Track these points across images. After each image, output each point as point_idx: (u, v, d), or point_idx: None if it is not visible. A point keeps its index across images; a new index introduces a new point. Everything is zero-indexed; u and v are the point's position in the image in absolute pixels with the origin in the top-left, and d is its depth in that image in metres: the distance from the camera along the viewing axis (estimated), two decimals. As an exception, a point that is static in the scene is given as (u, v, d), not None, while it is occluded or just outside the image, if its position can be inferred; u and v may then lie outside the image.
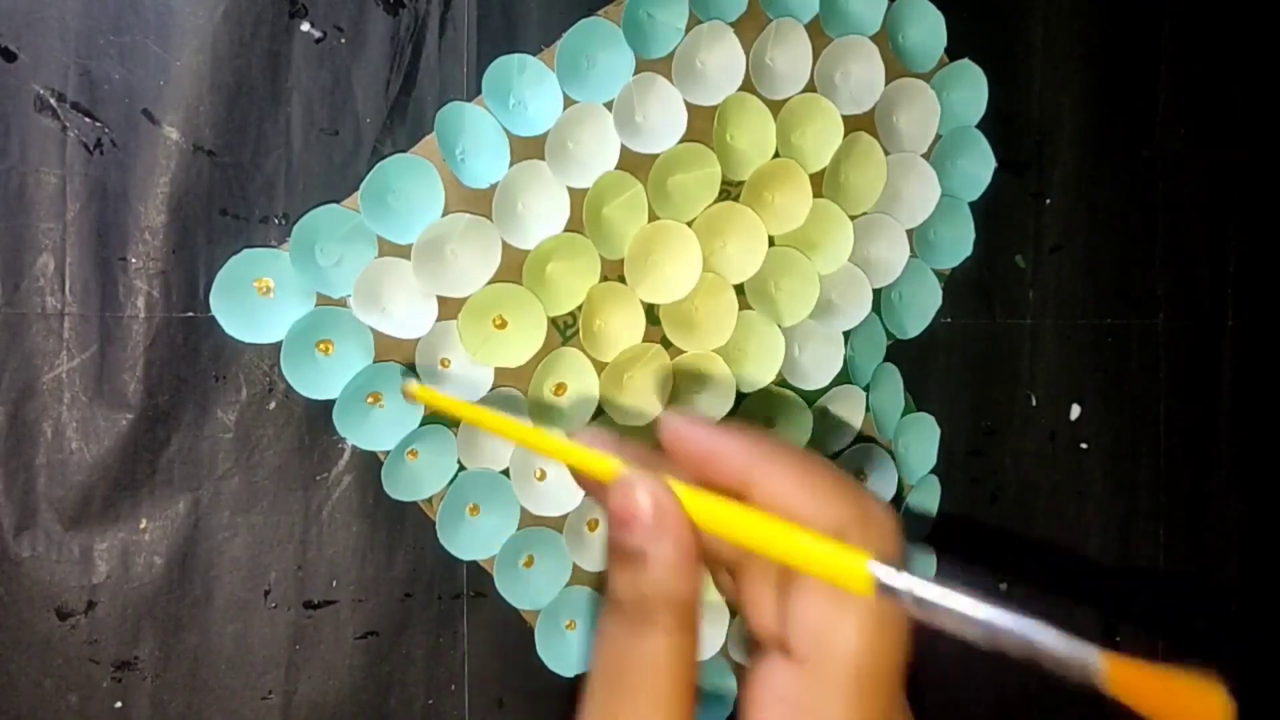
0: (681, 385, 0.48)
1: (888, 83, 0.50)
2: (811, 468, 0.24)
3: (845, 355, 0.51)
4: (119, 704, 0.43)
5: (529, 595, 0.47)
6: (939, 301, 0.54)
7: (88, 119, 0.41)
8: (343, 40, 0.44)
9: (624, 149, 0.45)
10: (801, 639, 0.24)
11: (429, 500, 0.46)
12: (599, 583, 0.48)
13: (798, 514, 0.23)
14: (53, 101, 0.41)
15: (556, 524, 0.47)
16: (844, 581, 0.22)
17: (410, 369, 0.44)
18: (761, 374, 0.49)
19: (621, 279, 0.47)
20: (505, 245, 0.44)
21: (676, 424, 0.26)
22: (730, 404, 0.48)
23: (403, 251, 0.43)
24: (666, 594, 0.24)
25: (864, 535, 0.23)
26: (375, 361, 0.43)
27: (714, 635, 0.50)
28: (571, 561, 0.47)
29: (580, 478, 0.26)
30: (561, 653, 0.47)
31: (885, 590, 0.22)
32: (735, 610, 0.31)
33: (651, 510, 0.24)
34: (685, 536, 0.24)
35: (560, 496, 0.47)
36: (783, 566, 0.24)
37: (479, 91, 0.44)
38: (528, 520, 0.46)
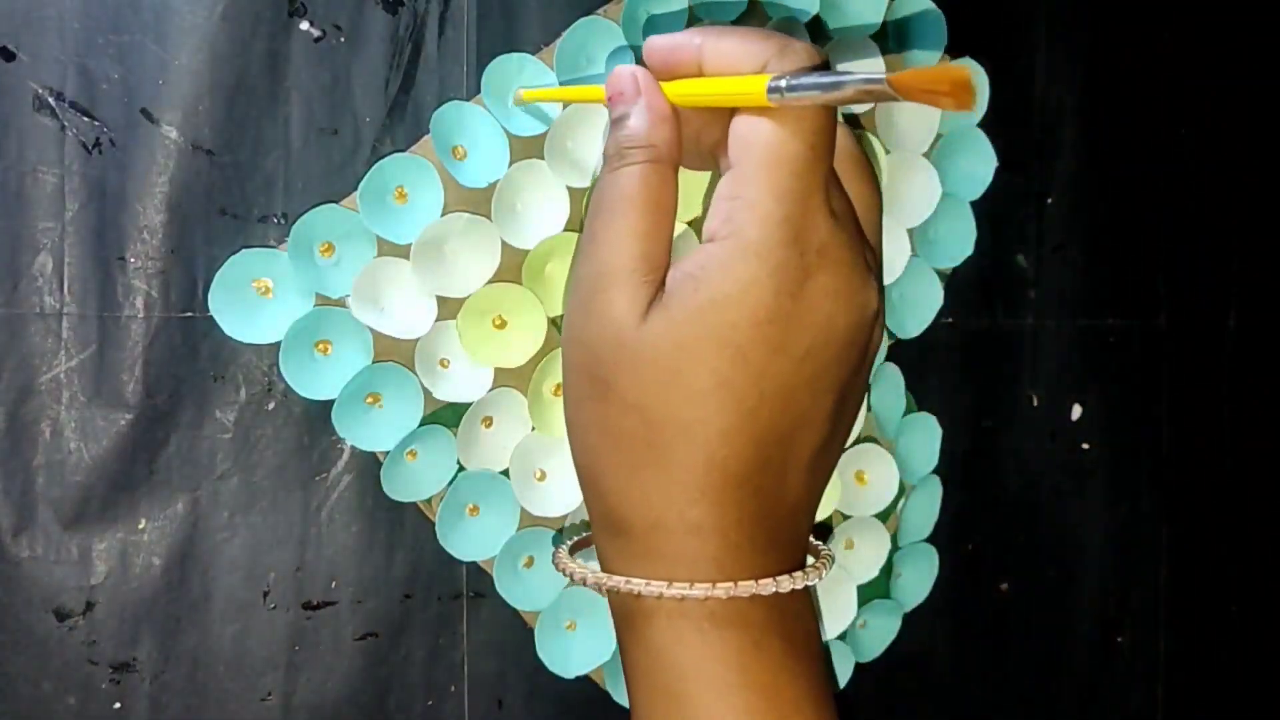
0: None
1: (888, 81, 0.50)
2: (738, 30, 0.32)
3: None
4: (117, 705, 0.43)
5: (529, 596, 0.47)
6: (940, 301, 0.53)
7: (86, 118, 0.41)
8: (342, 39, 0.44)
9: (624, 148, 0.45)
10: (732, 148, 0.31)
11: (428, 501, 0.46)
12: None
13: (735, 68, 0.31)
14: (51, 101, 0.41)
15: (556, 524, 0.47)
16: (749, 97, 0.29)
17: (410, 368, 0.44)
18: None
19: (621, 279, 0.46)
20: (505, 245, 0.44)
21: (650, 41, 0.34)
22: None
23: (402, 251, 0.43)
24: (637, 138, 0.33)
25: (781, 63, 0.30)
26: (374, 361, 0.43)
27: None
28: None
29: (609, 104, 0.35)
30: (562, 653, 0.47)
31: (774, 92, 0.29)
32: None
33: (629, 81, 0.33)
34: (654, 98, 0.33)
35: (561, 497, 0.47)
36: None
37: (479, 90, 0.44)
38: (527, 521, 0.46)
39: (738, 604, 0.32)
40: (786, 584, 0.33)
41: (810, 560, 0.36)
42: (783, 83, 0.28)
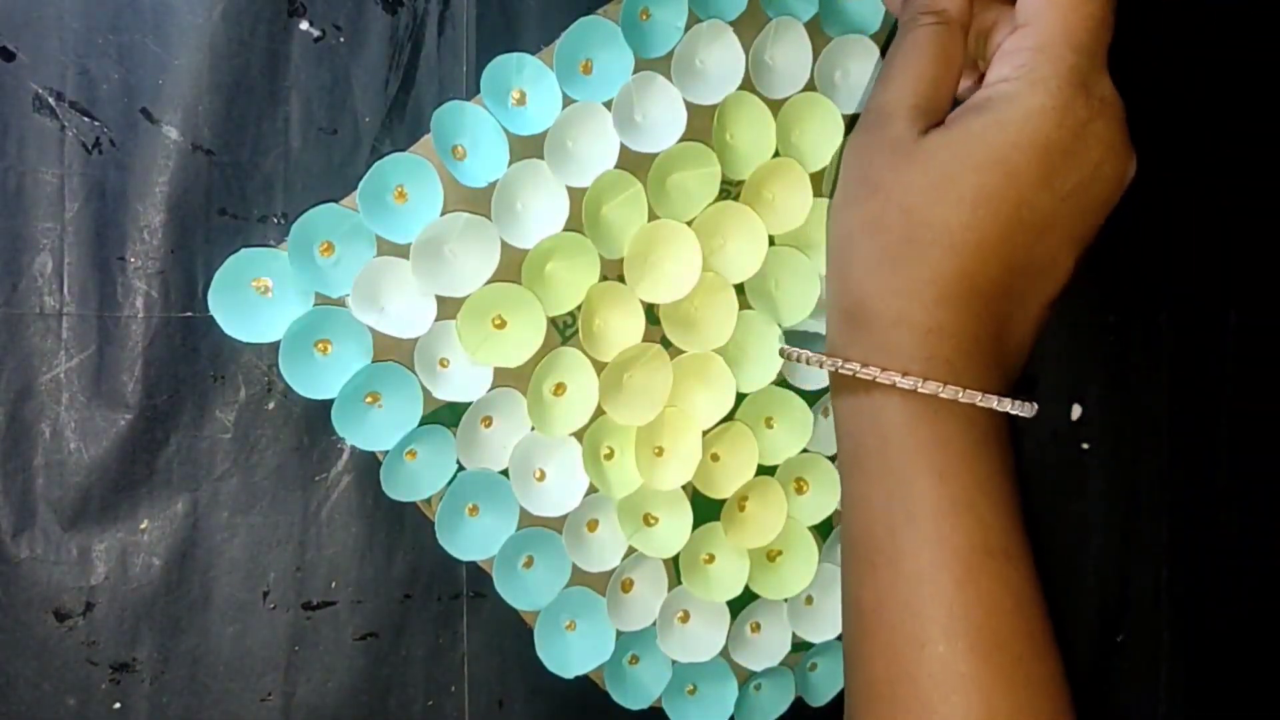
0: (682, 385, 0.48)
1: (888, 82, 0.50)
2: None
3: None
4: (117, 705, 0.43)
5: (529, 596, 0.47)
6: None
7: (86, 118, 0.41)
8: (341, 39, 0.44)
9: (623, 148, 0.45)
10: (1023, 8, 0.35)
11: (428, 501, 0.46)
12: (599, 583, 0.48)
13: None
14: (51, 101, 0.41)
15: (556, 524, 0.47)
16: None
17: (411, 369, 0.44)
18: (762, 374, 0.49)
19: (621, 279, 0.46)
20: (504, 244, 0.44)
21: None
22: (730, 404, 0.48)
23: (401, 251, 0.43)
24: (922, 6, 0.37)
25: None
26: (374, 361, 0.43)
27: (714, 636, 0.50)
28: (571, 562, 0.47)
29: None
30: (562, 653, 0.47)
31: None
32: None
33: None
34: None
35: (560, 497, 0.47)
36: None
37: (478, 90, 0.44)
38: (527, 520, 0.46)
39: (963, 410, 0.34)
40: (1007, 404, 0.35)
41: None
42: None
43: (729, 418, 0.49)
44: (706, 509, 0.49)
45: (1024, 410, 0.35)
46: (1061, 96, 0.33)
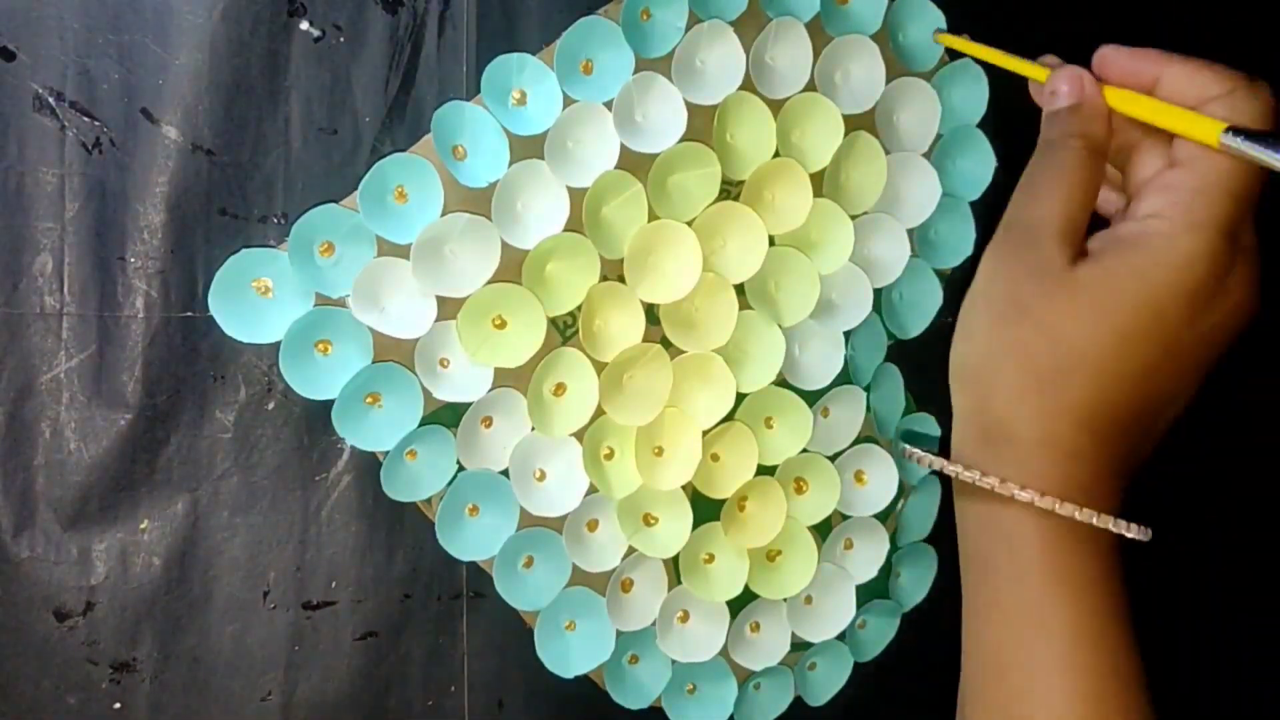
0: (682, 385, 0.47)
1: (888, 81, 0.50)
2: (1196, 62, 0.36)
3: (846, 355, 0.51)
4: (118, 705, 0.43)
5: (529, 596, 0.47)
6: (940, 301, 0.53)
7: (86, 118, 0.41)
8: (341, 39, 0.44)
9: (624, 148, 0.45)
10: (1182, 147, 0.35)
11: (428, 501, 0.46)
12: (599, 583, 0.48)
13: (1181, 96, 0.35)
14: (51, 101, 0.41)
15: (556, 525, 0.47)
16: (1195, 134, 0.34)
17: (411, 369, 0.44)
18: (762, 374, 0.49)
19: (621, 279, 0.46)
20: (505, 245, 0.44)
21: (1106, 51, 0.39)
22: (730, 404, 0.48)
23: (401, 251, 0.43)
24: (1073, 128, 0.37)
25: (1228, 105, 0.34)
26: (374, 361, 0.43)
27: (714, 636, 0.50)
28: (571, 562, 0.47)
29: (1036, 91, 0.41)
30: (562, 653, 0.47)
31: (1228, 136, 0.32)
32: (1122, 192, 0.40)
33: (1076, 81, 0.38)
34: (1098, 100, 0.38)
35: (560, 497, 0.47)
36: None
37: (478, 90, 0.44)
38: (527, 520, 0.46)
39: (1091, 533, 0.35)
40: (1134, 530, 0.36)
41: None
42: (1239, 140, 0.32)
43: (729, 418, 0.49)
44: (706, 509, 0.49)
45: (1142, 535, 0.36)
46: (1214, 244, 0.34)
